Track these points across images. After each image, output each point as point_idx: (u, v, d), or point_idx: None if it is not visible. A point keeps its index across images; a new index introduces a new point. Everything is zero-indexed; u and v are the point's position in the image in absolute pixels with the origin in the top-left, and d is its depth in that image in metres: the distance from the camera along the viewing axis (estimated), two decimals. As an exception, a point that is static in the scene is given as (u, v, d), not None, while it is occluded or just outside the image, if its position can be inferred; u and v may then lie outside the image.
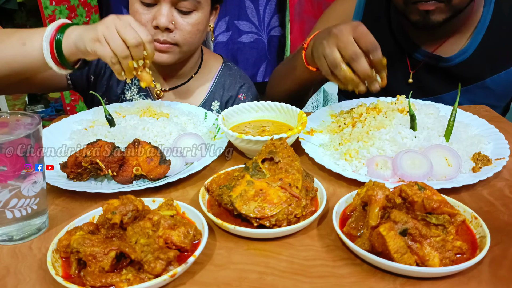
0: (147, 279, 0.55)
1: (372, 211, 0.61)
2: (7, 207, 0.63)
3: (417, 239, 0.59)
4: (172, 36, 1.11)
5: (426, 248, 0.58)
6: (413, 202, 0.62)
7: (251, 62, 2.26)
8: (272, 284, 0.58)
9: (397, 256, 0.56)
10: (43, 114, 3.20)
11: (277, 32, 2.26)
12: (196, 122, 1.05)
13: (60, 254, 0.60)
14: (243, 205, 0.66)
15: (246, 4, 2.16)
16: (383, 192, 0.63)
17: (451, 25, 1.16)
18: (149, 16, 1.10)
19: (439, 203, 0.61)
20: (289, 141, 0.87)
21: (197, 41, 1.18)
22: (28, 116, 0.67)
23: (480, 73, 1.20)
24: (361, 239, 0.61)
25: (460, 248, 0.59)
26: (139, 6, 1.11)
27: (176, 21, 1.10)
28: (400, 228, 0.59)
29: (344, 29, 0.88)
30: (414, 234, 0.59)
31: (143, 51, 0.90)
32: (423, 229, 0.59)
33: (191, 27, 1.12)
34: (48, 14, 1.96)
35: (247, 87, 1.35)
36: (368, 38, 0.86)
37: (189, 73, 1.29)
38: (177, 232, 0.61)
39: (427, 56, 1.22)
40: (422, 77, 1.25)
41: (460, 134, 0.93)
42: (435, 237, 0.59)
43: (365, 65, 0.85)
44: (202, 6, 1.13)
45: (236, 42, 2.22)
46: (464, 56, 1.19)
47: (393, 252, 0.56)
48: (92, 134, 0.95)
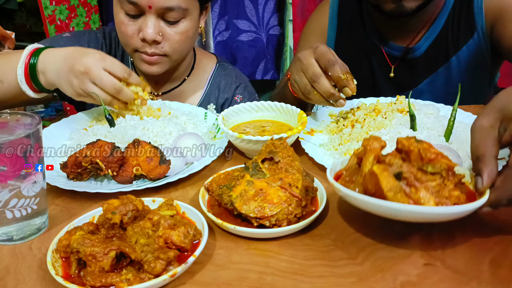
0: (147, 279, 0.55)
1: (367, 159, 0.59)
2: (7, 207, 0.63)
3: (411, 183, 0.55)
4: (160, 48, 1.07)
5: (421, 192, 0.55)
6: (409, 152, 0.60)
7: (250, 60, 2.27)
8: (272, 284, 0.58)
9: (390, 195, 0.53)
10: (43, 114, 3.20)
11: (276, 31, 2.27)
12: (196, 122, 1.05)
13: (60, 254, 0.60)
14: (243, 205, 0.66)
15: (246, 4, 2.16)
16: (379, 143, 0.61)
17: (422, 18, 1.20)
18: (135, 27, 1.06)
19: (436, 154, 0.59)
20: (289, 141, 0.88)
21: (187, 48, 1.15)
22: (28, 116, 0.67)
23: (446, 54, 1.24)
24: (354, 185, 0.59)
25: (458, 198, 0.56)
26: (124, 17, 1.06)
27: (164, 31, 1.06)
28: (394, 170, 0.56)
29: (306, 52, 0.92)
30: (409, 178, 0.56)
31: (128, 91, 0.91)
32: (418, 173, 0.56)
33: (180, 36, 1.08)
34: (48, 14, 1.96)
35: (243, 88, 1.32)
36: (325, 56, 0.88)
37: (182, 76, 1.26)
38: (177, 232, 0.61)
39: (402, 51, 1.26)
40: (401, 71, 1.29)
41: (460, 134, 0.93)
42: (431, 182, 0.56)
43: (324, 85, 0.89)
44: (190, 12, 1.08)
45: (235, 40, 2.23)
46: (429, 40, 1.23)
47: (386, 191, 0.53)
48: (92, 134, 0.95)
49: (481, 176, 0.59)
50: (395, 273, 0.59)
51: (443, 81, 1.26)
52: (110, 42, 1.26)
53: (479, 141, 0.60)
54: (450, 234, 0.66)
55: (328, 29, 1.37)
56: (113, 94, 0.90)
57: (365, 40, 1.32)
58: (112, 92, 0.89)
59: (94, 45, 1.22)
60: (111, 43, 1.26)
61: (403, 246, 0.64)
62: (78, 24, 2.10)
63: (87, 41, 1.22)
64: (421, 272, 0.59)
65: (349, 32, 1.35)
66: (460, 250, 0.63)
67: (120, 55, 1.28)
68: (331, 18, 1.36)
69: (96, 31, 1.27)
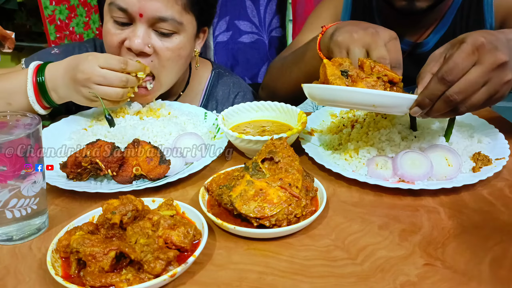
0: (147, 279, 0.55)
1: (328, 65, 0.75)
2: (7, 207, 0.63)
3: (353, 79, 0.71)
4: (149, 61, 0.98)
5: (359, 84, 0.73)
6: (362, 64, 0.77)
7: (252, 63, 2.25)
8: (272, 284, 0.58)
9: (331, 79, 0.69)
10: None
11: (278, 33, 2.26)
12: (196, 122, 1.05)
13: (60, 254, 0.60)
14: (243, 205, 0.66)
15: (247, 4, 2.16)
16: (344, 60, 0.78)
17: (433, 15, 1.20)
18: (122, 36, 0.97)
19: (384, 68, 0.76)
20: (289, 141, 0.87)
21: (177, 70, 1.05)
22: (28, 116, 0.67)
23: None
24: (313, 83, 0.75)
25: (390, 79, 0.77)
26: (111, 26, 0.98)
27: (154, 45, 0.97)
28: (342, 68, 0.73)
29: (382, 33, 0.85)
30: (353, 76, 0.72)
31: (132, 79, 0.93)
32: (361, 73, 0.73)
33: (171, 53, 0.99)
34: (48, 14, 1.96)
35: (242, 96, 1.25)
36: (398, 55, 0.85)
37: (176, 92, 1.19)
38: (177, 232, 0.61)
39: (410, 46, 1.25)
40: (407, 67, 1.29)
41: (460, 134, 0.93)
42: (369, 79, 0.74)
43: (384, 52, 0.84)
44: (184, 28, 1.00)
45: (237, 42, 2.22)
46: (438, 35, 1.23)
47: (329, 76, 0.69)
48: (92, 134, 0.95)
49: (417, 86, 0.74)
50: (395, 273, 0.59)
51: None
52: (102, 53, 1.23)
53: (426, 64, 0.76)
54: (450, 234, 0.66)
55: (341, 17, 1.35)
56: (121, 86, 0.92)
57: None
58: (121, 85, 0.91)
59: None
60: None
61: (403, 246, 0.64)
62: (78, 24, 2.11)
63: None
64: (421, 272, 0.59)
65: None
66: (460, 250, 0.63)
67: None
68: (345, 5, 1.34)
69: (86, 44, 1.22)
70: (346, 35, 0.86)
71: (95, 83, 0.90)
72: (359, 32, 0.85)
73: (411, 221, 0.70)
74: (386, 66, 0.79)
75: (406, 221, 0.70)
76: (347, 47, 0.85)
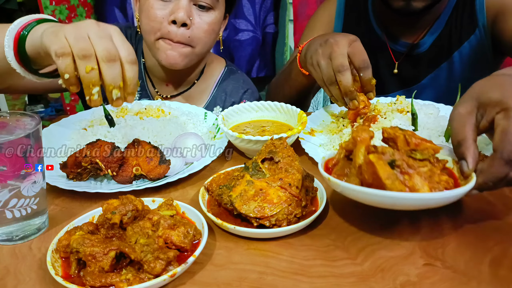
0: (146, 279, 0.55)
1: (358, 150, 0.60)
2: (7, 207, 0.63)
3: (404, 170, 0.57)
4: (187, 35, 1.08)
5: (415, 178, 0.56)
6: (395, 138, 0.62)
7: (246, 59, 2.27)
8: (272, 284, 0.58)
9: (388, 183, 0.54)
10: (43, 114, 3.20)
11: (271, 29, 2.28)
12: (196, 122, 1.05)
13: (60, 254, 0.60)
14: (243, 205, 0.66)
15: (243, 3, 2.16)
16: (368, 133, 0.62)
17: (429, 15, 1.21)
18: (166, 12, 1.06)
19: (420, 139, 0.62)
20: (289, 141, 0.87)
21: (210, 43, 1.16)
22: (28, 116, 0.67)
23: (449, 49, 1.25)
24: (349, 178, 0.60)
25: (447, 182, 0.58)
26: (154, 1, 1.07)
27: (194, 17, 1.08)
28: (388, 159, 0.57)
29: (340, 40, 0.89)
30: (402, 166, 0.57)
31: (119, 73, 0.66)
32: (409, 160, 0.58)
33: (208, 26, 1.10)
34: (48, 14, 1.96)
35: (250, 93, 1.32)
36: (362, 56, 0.87)
37: (192, 80, 1.27)
38: (177, 232, 0.61)
39: (407, 47, 1.27)
40: (405, 67, 1.30)
41: (460, 134, 0.93)
42: (423, 167, 0.58)
43: (348, 79, 0.87)
44: (219, 6, 1.12)
45: (233, 40, 2.23)
46: (433, 36, 1.24)
47: (385, 179, 0.54)
48: (92, 134, 0.95)
49: (465, 159, 0.62)
50: (395, 273, 0.59)
51: (445, 77, 1.28)
52: None
53: (459, 127, 0.63)
54: (450, 234, 0.66)
55: (335, 22, 1.37)
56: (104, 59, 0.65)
57: (371, 35, 1.32)
58: (104, 55, 0.64)
59: None
60: None
61: (403, 246, 0.64)
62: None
63: None
64: (421, 272, 0.59)
65: (355, 26, 1.34)
66: (460, 250, 0.63)
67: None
68: (338, 11, 1.36)
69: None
70: (313, 53, 0.93)
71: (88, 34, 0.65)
72: (322, 47, 0.91)
73: (411, 221, 0.70)
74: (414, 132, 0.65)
75: (406, 221, 0.70)
76: (317, 63, 0.92)
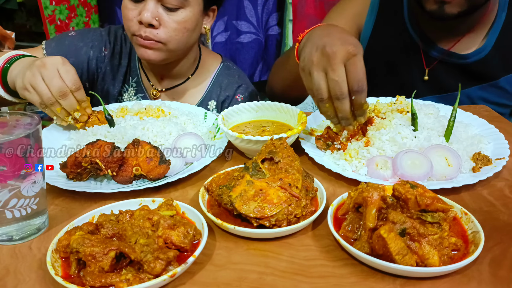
0: (146, 279, 0.55)
1: (369, 213, 0.61)
2: (7, 207, 0.63)
3: (415, 238, 0.59)
4: (155, 33, 1.09)
5: (425, 247, 0.58)
6: (406, 200, 0.63)
7: (249, 62, 2.25)
8: (272, 284, 0.58)
9: (398, 258, 0.56)
10: (43, 114, 3.20)
11: (274, 31, 2.25)
12: (196, 122, 1.05)
13: (60, 254, 0.60)
14: (243, 205, 0.66)
15: (245, 4, 2.15)
16: (379, 193, 0.62)
17: (466, 23, 1.18)
18: (136, 12, 1.10)
19: (431, 199, 0.62)
20: (289, 141, 0.87)
21: (185, 40, 1.15)
22: (28, 116, 0.67)
23: (494, 72, 1.22)
24: (360, 241, 0.61)
25: (455, 244, 0.60)
26: (128, 1, 1.11)
27: (161, 18, 1.09)
28: (399, 228, 0.59)
29: (338, 52, 0.79)
30: (413, 233, 0.59)
31: (72, 99, 0.92)
32: (420, 228, 0.60)
33: (177, 25, 1.11)
34: (48, 14, 1.96)
35: (245, 88, 1.33)
36: (358, 75, 0.78)
37: (186, 74, 1.28)
38: (177, 232, 0.61)
39: (443, 53, 1.23)
40: (437, 74, 1.26)
41: (460, 134, 0.93)
42: (433, 235, 0.60)
43: (347, 107, 0.81)
44: (189, 4, 1.11)
45: (235, 42, 2.21)
46: (480, 55, 1.21)
47: (395, 254, 0.56)
48: (92, 134, 0.95)
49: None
50: (395, 273, 0.59)
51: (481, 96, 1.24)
52: (115, 39, 1.27)
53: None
54: (450, 234, 0.66)
55: (367, 15, 1.31)
56: (56, 96, 0.91)
57: (404, 35, 1.27)
58: (56, 94, 0.90)
59: (98, 43, 1.24)
60: (116, 40, 1.28)
61: (403, 246, 0.64)
62: (78, 24, 2.10)
63: (91, 39, 1.23)
64: (421, 272, 0.59)
65: (388, 23, 1.29)
66: (460, 250, 0.63)
67: (128, 52, 1.29)
68: (372, 4, 1.30)
69: (101, 29, 1.29)
70: (307, 58, 0.85)
71: (41, 75, 0.90)
72: (317, 55, 0.82)
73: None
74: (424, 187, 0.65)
75: (406, 221, 0.70)
76: (309, 71, 0.84)
